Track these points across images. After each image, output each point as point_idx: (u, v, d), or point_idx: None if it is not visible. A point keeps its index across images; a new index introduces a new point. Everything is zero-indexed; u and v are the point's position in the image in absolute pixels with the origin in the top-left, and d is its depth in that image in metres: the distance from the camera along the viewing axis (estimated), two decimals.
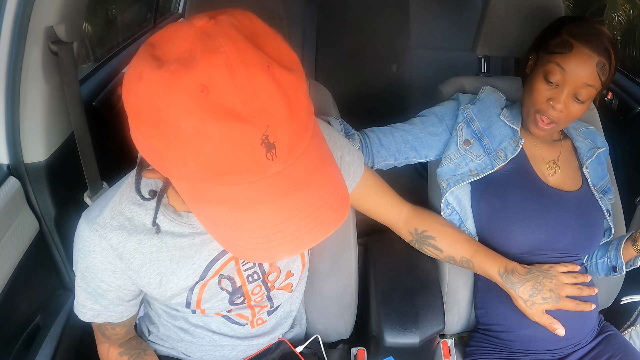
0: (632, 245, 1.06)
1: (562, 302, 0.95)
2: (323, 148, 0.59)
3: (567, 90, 0.97)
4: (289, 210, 0.52)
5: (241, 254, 0.55)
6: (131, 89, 0.52)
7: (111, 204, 0.75)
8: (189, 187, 0.54)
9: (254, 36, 0.52)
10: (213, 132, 0.48)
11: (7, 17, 0.85)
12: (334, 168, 0.60)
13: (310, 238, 0.53)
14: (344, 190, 0.59)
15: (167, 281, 0.79)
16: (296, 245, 0.53)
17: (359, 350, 1.10)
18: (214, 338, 0.92)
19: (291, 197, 0.52)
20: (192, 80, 0.47)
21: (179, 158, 0.50)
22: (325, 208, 0.54)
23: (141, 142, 0.54)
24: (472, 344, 1.15)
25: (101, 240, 0.74)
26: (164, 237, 0.76)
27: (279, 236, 0.52)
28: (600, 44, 0.95)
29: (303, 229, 0.52)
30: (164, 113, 0.48)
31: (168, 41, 0.51)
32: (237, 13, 0.54)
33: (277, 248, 0.53)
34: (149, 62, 0.50)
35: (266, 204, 0.52)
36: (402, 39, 2.29)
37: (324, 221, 0.54)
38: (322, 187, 0.55)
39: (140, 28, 2.37)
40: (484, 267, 1.00)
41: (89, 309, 0.82)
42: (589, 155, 1.15)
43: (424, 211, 1.07)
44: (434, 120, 1.14)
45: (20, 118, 0.94)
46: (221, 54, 0.48)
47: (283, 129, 0.50)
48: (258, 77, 0.49)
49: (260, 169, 0.50)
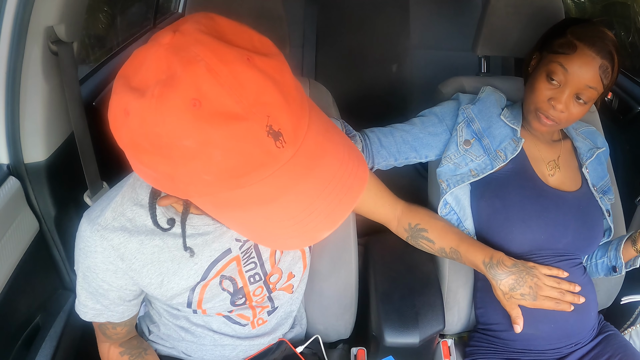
0: (632, 245, 1.06)
1: (539, 301, 0.96)
2: (322, 117, 0.59)
3: (568, 90, 0.97)
4: (314, 188, 0.52)
5: (284, 246, 0.56)
6: (120, 126, 0.51)
7: (113, 204, 0.75)
8: (211, 200, 0.53)
9: (222, 34, 0.51)
10: (218, 139, 0.47)
11: (7, 17, 0.85)
12: (338, 134, 0.60)
13: (343, 208, 0.53)
14: (355, 151, 0.59)
15: (169, 281, 0.79)
16: (332, 220, 0.53)
17: (359, 350, 1.10)
18: (215, 338, 0.92)
19: (312, 176, 0.52)
20: (182, 96, 0.47)
21: (192, 175, 0.50)
22: (347, 174, 0.54)
23: (147, 173, 0.53)
24: (472, 344, 1.15)
25: (102, 241, 0.74)
26: (166, 237, 0.76)
27: (313, 217, 0.52)
28: (605, 47, 0.95)
29: (333, 202, 0.53)
30: (163, 138, 0.48)
31: (140, 68, 0.50)
32: (198, 17, 0.53)
33: (315, 229, 0.52)
34: (129, 94, 0.49)
35: (291, 191, 0.51)
36: (402, 39, 2.29)
37: (350, 187, 0.54)
38: (336, 155, 0.55)
39: (140, 28, 2.37)
40: (469, 256, 1.00)
41: (90, 309, 0.82)
42: (588, 155, 1.15)
43: (416, 206, 1.08)
44: (434, 121, 1.14)
45: (20, 118, 0.94)
46: (199, 61, 0.47)
47: (283, 114, 0.50)
48: (242, 72, 0.48)
49: (274, 160, 0.50)
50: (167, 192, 0.55)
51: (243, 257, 0.83)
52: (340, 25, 2.31)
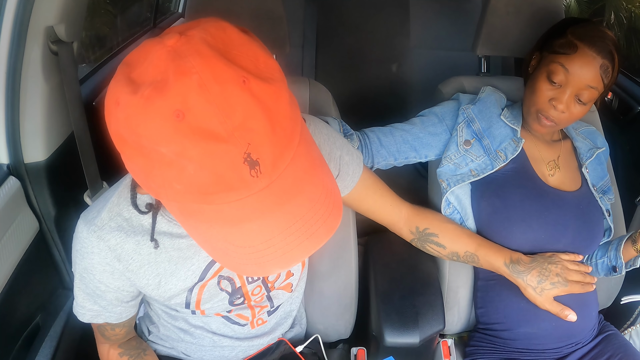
0: (632, 245, 1.06)
1: (571, 285, 0.96)
2: (312, 152, 0.58)
3: (569, 91, 0.97)
4: (279, 224, 0.52)
5: (235, 269, 0.56)
6: (111, 113, 0.52)
7: (109, 205, 0.75)
8: (178, 207, 0.53)
9: (228, 48, 0.50)
10: (193, 154, 0.47)
11: (7, 16, 0.85)
12: (324, 172, 0.58)
13: (301, 251, 0.53)
14: (336, 195, 0.58)
15: (166, 282, 0.79)
16: (287, 259, 0.53)
17: (359, 350, 1.10)
18: (214, 339, 0.91)
19: (279, 212, 0.52)
20: (167, 105, 0.47)
21: (164, 180, 0.50)
22: (316, 219, 0.53)
23: (127, 162, 0.54)
24: (472, 344, 1.15)
25: (99, 242, 0.74)
26: (163, 238, 0.76)
27: (270, 251, 0.52)
28: (605, 46, 0.95)
29: (293, 243, 0.52)
30: (143, 139, 0.48)
31: (143, 61, 0.50)
32: (209, 25, 0.52)
33: (269, 263, 0.52)
34: (125, 86, 0.49)
35: (255, 220, 0.51)
36: (402, 38, 2.29)
37: (314, 233, 0.53)
38: (312, 195, 0.54)
39: (140, 28, 2.37)
40: (490, 260, 1.00)
41: (88, 310, 0.82)
42: (588, 155, 1.15)
43: (424, 209, 1.07)
44: (434, 120, 1.14)
45: (20, 118, 0.94)
46: (193, 74, 0.47)
47: (265, 144, 0.49)
48: (233, 94, 0.47)
49: (245, 186, 0.49)
50: (142, 185, 0.55)
51: None
52: (340, 25, 2.31)
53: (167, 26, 2.41)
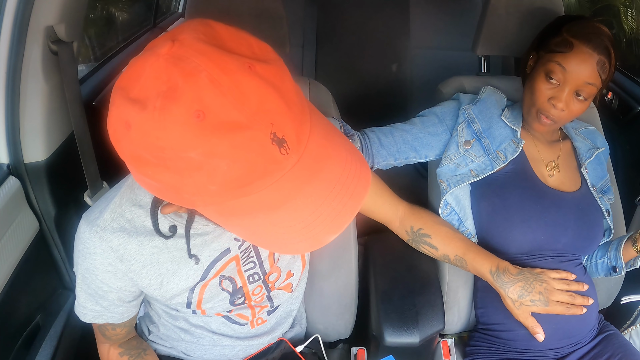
0: (632, 245, 1.06)
1: (551, 306, 0.96)
2: (322, 120, 0.59)
3: (568, 89, 0.97)
4: (320, 192, 0.53)
5: (291, 250, 0.56)
6: (122, 139, 0.51)
7: (111, 205, 0.75)
8: (217, 209, 0.53)
9: (222, 42, 0.51)
10: (223, 150, 0.47)
11: (7, 16, 0.85)
12: (339, 135, 0.60)
13: (348, 211, 0.54)
14: (357, 152, 0.59)
15: (168, 282, 0.79)
16: (338, 223, 0.53)
17: (359, 350, 1.10)
18: (214, 338, 0.92)
19: (317, 180, 0.53)
20: (184, 109, 0.46)
21: (198, 186, 0.50)
22: (351, 178, 0.55)
23: (150, 184, 0.53)
24: (472, 344, 1.15)
25: (102, 242, 0.74)
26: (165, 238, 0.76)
27: (319, 221, 0.52)
28: (601, 42, 0.95)
29: (338, 206, 0.53)
30: (167, 151, 0.48)
31: (138, 78, 0.49)
32: (196, 25, 0.52)
33: (321, 232, 0.53)
34: (129, 107, 0.49)
35: (297, 196, 0.52)
36: (402, 38, 2.29)
37: (353, 191, 0.54)
38: (339, 158, 0.56)
39: (140, 28, 2.37)
40: (476, 265, 1.00)
41: (89, 310, 0.82)
42: (588, 155, 1.15)
43: (420, 209, 1.07)
44: (434, 121, 1.14)
45: (20, 117, 0.94)
46: (201, 72, 0.47)
47: (286, 121, 0.50)
48: (244, 81, 0.48)
49: (279, 167, 0.50)
50: (172, 202, 0.55)
51: (242, 257, 0.83)
52: (340, 25, 2.31)
53: (167, 26, 2.42)
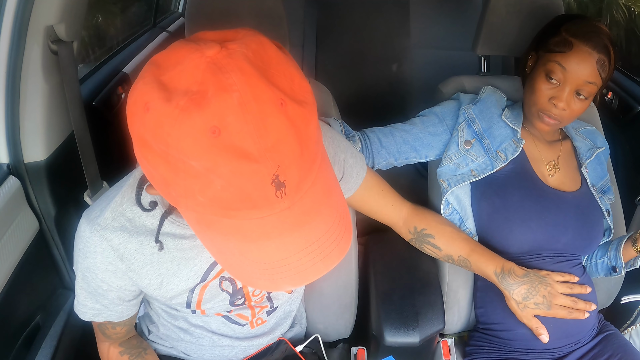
0: (632, 245, 1.06)
1: (554, 309, 0.96)
2: (329, 175, 0.59)
3: (568, 88, 0.97)
4: (296, 245, 0.53)
5: (247, 281, 0.56)
6: (137, 116, 0.50)
7: (112, 204, 0.75)
8: (196, 217, 0.53)
9: (267, 67, 0.50)
10: (224, 171, 0.47)
11: (7, 16, 0.85)
12: (338, 194, 0.59)
13: (314, 272, 0.54)
14: (347, 218, 0.59)
15: (168, 282, 0.79)
16: (300, 279, 0.54)
17: (359, 350, 1.10)
18: (214, 338, 0.92)
19: (298, 233, 0.53)
20: (204, 120, 0.46)
21: (187, 191, 0.50)
22: (330, 242, 0.55)
23: (147, 167, 0.53)
24: (472, 343, 1.15)
25: (102, 241, 0.74)
26: (166, 238, 0.76)
27: (284, 269, 0.53)
28: (600, 41, 0.95)
29: (308, 264, 0.53)
30: (172, 149, 0.48)
31: (176, 65, 0.49)
32: (249, 39, 0.52)
33: (282, 280, 0.53)
34: (156, 91, 0.48)
35: (274, 238, 0.52)
36: (402, 38, 2.29)
37: (328, 255, 0.54)
38: (327, 218, 0.55)
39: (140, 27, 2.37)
40: (480, 266, 1.00)
41: (89, 309, 0.82)
42: (588, 155, 1.15)
43: (423, 210, 1.07)
44: (434, 120, 1.14)
45: (20, 117, 0.94)
46: (234, 92, 0.46)
47: (293, 167, 0.50)
48: (270, 115, 0.48)
49: (269, 206, 0.50)
50: (160, 192, 0.55)
51: None
52: (340, 25, 2.31)
53: (167, 25, 2.41)
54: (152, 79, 0.50)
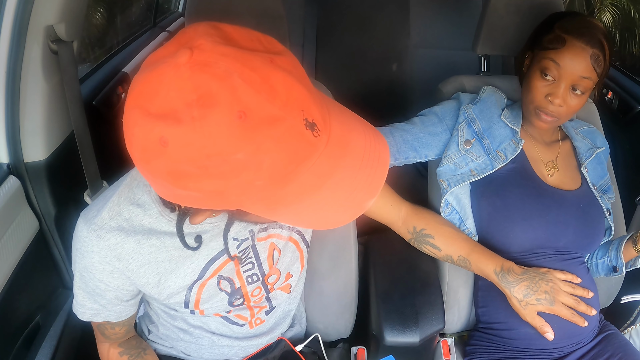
0: (632, 245, 1.06)
1: (557, 306, 0.96)
2: (331, 100, 0.62)
3: (564, 84, 0.98)
4: (353, 164, 0.56)
5: (335, 223, 0.58)
6: (156, 157, 0.50)
7: (109, 204, 0.74)
8: (264, 203, 0.54)
9: (236, 41, 0.52)
10: (267, 145, 0.49)
11: (7, 16, 0.85)
12: (347, 110, 0.63)
13: (379, 175, 0.58)
14: (364, 122, 0.62)
15: (165, 280, 0.79)
16: (373, 187, 0.57)
17: (359, 349, 1.10)
18: (213, 338, 0.92)
19: (348, 154, 0.56)
20: (226, 112, 0.47)
21: (244, 185, 0.50)
22: (374, 146, 0.59)
23: (189, 196, 0.52)
24: (472, 343, 1.15)
25: (99, 241, 0.74)
26: (163, 237, 0.76)
27: (358, 189, 0.56)
28: (593, 36, 0.95)
29: (371, 172, 0.57)
30: (213, 158, 0.48)
31: (157, 93, 0.48)
32: (205, 28, 0.52)
33: (361, 199, 0.57)
34: (158, 123, 0.48)
35: (335, 171, 0.55)
36: (402, 38, 2.29)
37: (379, 156, 0.59)
38: (358, 131, 0.59)
39: (140, 27, 2.37)
40: (480, 266, 1.00)
41: (87, 309, 0.82)
42: (587, 155, 1.15)
43: (423, 210, 1.07)
44: (434, 120, 1.14)
45: (20, 117, 0.94)
46: (232, 73, 0.47)
47: (312, 106, 0.52)
48: (271, 76, 0.49)
49: (314, 149, 0.53)
50: (215, 207, 0.55)
51: (241, 257, 0.83)
52: (340, 25, 2.31)
53: (167, 25, 2.41)
54: (145, 119, 0.49)
